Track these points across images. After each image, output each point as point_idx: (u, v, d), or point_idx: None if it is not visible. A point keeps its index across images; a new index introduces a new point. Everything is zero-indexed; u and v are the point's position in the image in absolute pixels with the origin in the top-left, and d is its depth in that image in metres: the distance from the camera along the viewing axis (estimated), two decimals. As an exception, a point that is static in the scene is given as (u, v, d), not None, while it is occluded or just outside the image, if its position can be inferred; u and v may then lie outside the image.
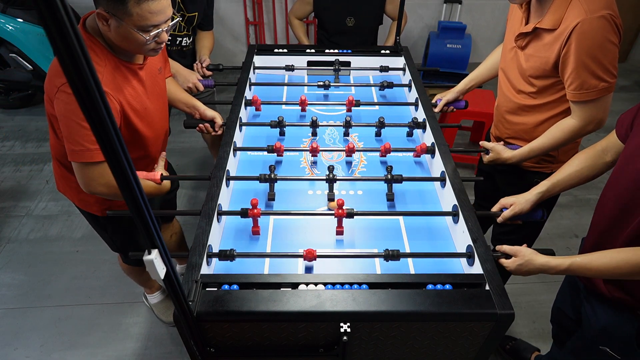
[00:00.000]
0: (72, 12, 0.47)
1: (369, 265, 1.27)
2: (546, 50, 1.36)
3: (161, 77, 1.53)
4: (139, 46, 1.23)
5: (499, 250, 1.23)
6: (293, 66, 2.10)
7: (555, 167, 1.62)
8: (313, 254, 1.19)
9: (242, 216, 1.30)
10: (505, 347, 2.00)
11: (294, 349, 1.12)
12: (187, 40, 2.12)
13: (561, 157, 1.61)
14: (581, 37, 1.24)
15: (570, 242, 2.58)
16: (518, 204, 1.34)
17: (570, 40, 1.27)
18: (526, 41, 1.43)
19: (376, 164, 1.66)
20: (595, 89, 1.31)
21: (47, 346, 2.04)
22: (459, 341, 1.12)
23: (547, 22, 1.33)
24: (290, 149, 1.64)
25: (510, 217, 1.36)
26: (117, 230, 1.67)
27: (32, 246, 2.53)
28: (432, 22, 4.23)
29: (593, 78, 1.29)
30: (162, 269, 0.74)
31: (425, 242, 1.35)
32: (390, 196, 1.46)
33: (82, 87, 0.51)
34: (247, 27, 4.16)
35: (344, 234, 1.36)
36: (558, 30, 1.30)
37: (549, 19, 1.32)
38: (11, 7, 3.23)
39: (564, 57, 1.31)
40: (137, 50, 1.26)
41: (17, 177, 3.04)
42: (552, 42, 1.33)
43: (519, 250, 1.19)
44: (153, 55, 1.34)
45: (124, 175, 0.61)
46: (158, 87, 1.49)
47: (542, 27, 1.34)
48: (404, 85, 2.05)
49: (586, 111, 1.36)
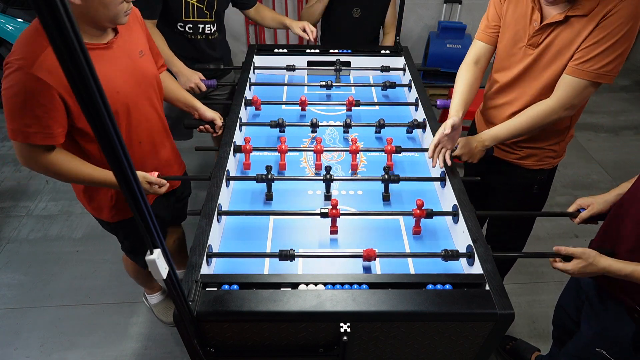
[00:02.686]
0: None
1: (369, 266, 1.27)
2: (568, 39, 1.30)
3: (145, 61, 1.44)
4: (117, 8, 1.20)
5: (557, 252, 1.18)
6: (293, 66, 2.10)
7: (556, 161, 1.62)
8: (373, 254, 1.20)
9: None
10: (506, 347, 2.00)
11: (294, 349, 1.12)
12: (211, 27, 2.06)
13: (561, 151, 1.60)
14: (620, 13, 1.20)
15: (571, 242, 2.58)
16: (596, 205, 1.33)
17: (607, 16, 1.22)
18: (544, 35, 1.35)
19: (376, 163, 1.66)
20: (598, 71, 1.28)
21: (47, 346, 2.04)
22: (459, 341, 1.12)
23: (583, 8, 1.25)
24: (293, 149, 1.63)
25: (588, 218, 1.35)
26: (128, 234, 1.68)
27: (32, 246, 2.53)
28: (432, 22, 4.23)
29: (604, 59, 1.26)
30: (164, 269, 0.74)
31: (425, 242, 1.36)
32: (386, 196, 1.46)
33: (82, 87, 0.51)
34: (247, 27, 4.16)
35: (344, 234, 1.36)
36: (591, 14, 1.24)
37: (584, 5, 1.25)
38: (11, 7, 3.23)
39: (592, 34, 1.25)
40: (111, 14, 1.21)
41: (17, 177, 3.04)
42: (580, 27, 1.27)
43: (583, 252, 1.14)
44: (124, 21, 1.26)
45: (124, 175, 0.61)
46: (139, 71, 1.40)
47: (577, 13, 1.27)
48: (404, 85, 2.05)
49: (570, 91, 1.32)
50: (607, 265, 1.13)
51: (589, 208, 1.35)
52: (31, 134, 1.19)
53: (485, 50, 1.57)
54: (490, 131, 1.49)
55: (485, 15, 1.55)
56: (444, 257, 1.21)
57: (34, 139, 1.19)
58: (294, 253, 1.19)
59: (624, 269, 1.11)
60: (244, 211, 1.40)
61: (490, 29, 1.53)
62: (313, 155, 1.67)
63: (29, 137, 1.19)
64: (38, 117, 1.17)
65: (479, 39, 1.58)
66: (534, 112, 1.40)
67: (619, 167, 3.19)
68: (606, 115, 3.77)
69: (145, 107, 1.45)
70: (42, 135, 1.20)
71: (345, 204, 1.46)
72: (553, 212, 1.41)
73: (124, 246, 1.77)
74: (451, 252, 1.21)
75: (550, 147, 1.57)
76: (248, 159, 1.58)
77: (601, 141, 3.47)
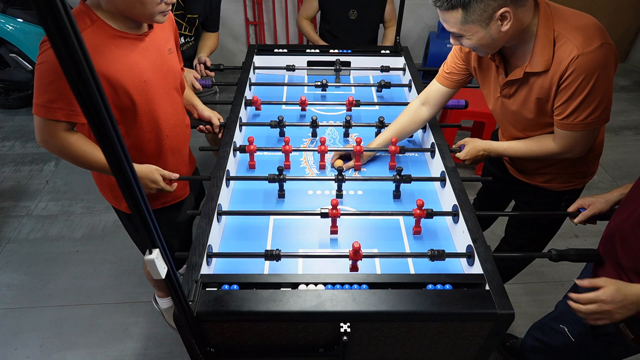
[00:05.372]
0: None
1: (369, 265, 1.27)
2: (541, 90, 1.28)
3: (172, 59, 1.48)
4: (154, 7, 1.23)
5: (580, 286, 1.12)
6: (293, 66, 2.10)
7: (587, 180, 1.57)
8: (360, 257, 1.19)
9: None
10: (506, 344, 2.01)
11: (294, 349, 1.12)
12: (188, 40, 2.13)
13: (592, 167, 1.55)
14: (578, 71, 1.17)
15: (571, 242, 2.58)
16: (597, 204, 1.33)
17: (566, 75, 1.19)
18: (514, 88, 1.35)
19: (376, 163, 1.66)
20: (584, 122, 1.25)
21: (47, 346, 2.04)
22: (459, 341, 1.12)
23: (537, 65, 1.23)
24: (297, 149, 1.63)
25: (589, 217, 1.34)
26: None
27: (32, 246, 2.53)
28: (432, 22, 4.23)
29: (584, 111, 1.23)
30: (163, 269, 0.74)
31: (425, 242, 1.35)
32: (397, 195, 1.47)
33: (83, 87, 0.51)
34: (247, 27, 4.16)
35: (344, 234, 1.36)
36: (551, 70, 1.22)
37: (538, 62, 1.23)
38: (11, 7, 3.23)
39: (560, 90, 1.23)
40: (148, 13, 1.24)
41: (17, 177, 3.04)
42: (547, 81, 1.25)
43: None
44: (162, 20, 1.29)
45: (124, 176, 0.61)
46: (167, 66, 1.44)
47: (533, 71, 1.25)
48: (404, 85, 2.05)
49: (569, 140, 1.31)
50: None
51: (589, 207, 1.34)
52: (55, 109, 1.20)
53: (440, 92, 1.59)
54: (500, 147, 1.49)
55: (445, 61, 1.57)
56: (430, 257, 1.20)
57: (58, 114, 1.21)
58: (280, 253, 1.19)
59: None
60: (244, 211, 1.40)
61: (447, 74, 1.55)
62: (314, 155, 1.68)
63: (54, 112, 1.20)
64: (64, 94, 1.19)
65: (436, 80, 1.60)
66: (539, 147, 1.39)
67: (619, 167, 3.19)
68: (606, 115, 3.77)
69: (171, 102, 1.48)
70: (66, 112, 1.21)
71: (350, 204, 1.47)
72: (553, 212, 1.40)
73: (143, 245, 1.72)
74: (437, 252, 1.20)
75: (578, 170, 1.52)
76: (253, 158, 1.60)
77: (601, 141, 3.47)
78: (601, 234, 1.28)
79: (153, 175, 1.39)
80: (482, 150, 1.50)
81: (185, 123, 1.59)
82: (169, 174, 1.43)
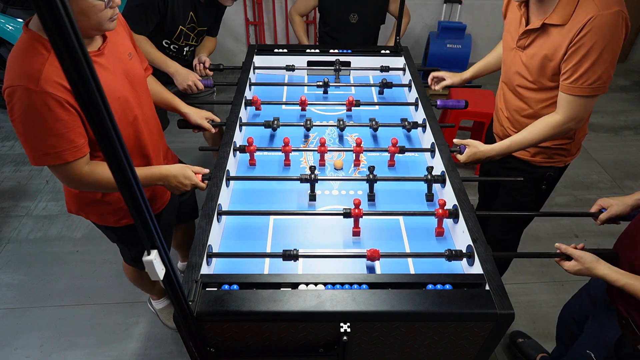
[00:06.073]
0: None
1: (369, 265, 1.27)
2: (552, 46, 1.35)
3: (135, 63, 1.40)
4: (99, 15, 1.13)
5: (558, 249, 1.24)
6: (293, 66, 2.10)
7: (568, 159, 1.63)
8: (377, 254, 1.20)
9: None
10: (517, 340, 2.01)
11: (294, 349, 1.12)
12: (193, 49, 2.18)
13: (574, 149, 1.62)
14: (594, 31, 1.24)
15: (571, 242, 2.58)
16: (615, 206, 1.35)
17: (581, 34, 1.26)
18: (530, 40, 1.42)
19: (376, 163, 1.66)
20: (592, 86, 1.31)
21: (47, 346, 2.04)
22: (459, 341, 1.12)
23: (557, 17, 1.32)
24: (297, 149, 1.64)
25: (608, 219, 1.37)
26: (134, 241, 1.63)
27: (32, 246, 2.53)
28: (432, 22, 4.23)
29: (593, 74, 1.29)
30: (161, 270, 0.74)
31: (425, 242, 1.35)
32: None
33: (83, 87, 0.51)
34: (247, 27, 4.16)
35: (344, 234, 1.36)
36: (568, 25, 1.30)
37: (558, 14, 1.31)
38: (11, 7, 3.23)
39: (571, 50, 1.30)
40: (94, 23, 1.15)
41: (17, 177, 3.04)
42: (560, 38, 1.32)
43: (581, 256, 1.18)
44: (112, 27, 1.20)
45: (124, 175, 0.61)
46: (132, 74, 1.37)
47: (552, 22, 1.33)
48: (404, 85, 2.05)
49: (573, 107, 1.36)
50: (604, 274, 1.14)
51: (608, 209, 1.36)
52: (61, 152, 1.15)
53: None
54: (500, 147, 1.50)
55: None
56: (448, 257, 1.21)
57: (66, 156, 1.16)
58: (298, 253, 1.19)
59: (619, 280, 1.12)
60: (244, 211, 1.40)
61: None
62: (314, 155, 1.68)
63: (61, 156, 1.15)
64: (60, 134, 1.14)
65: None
66: (543, 126, 1.42)
67: (619, 167, 3.19)
68: (606, 115, 3.77)
69: (144, 107, 1.44)
70: (71, 151, 1.17)
71: (346, 204, 1.46)
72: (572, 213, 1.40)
73: (130, 253, 1.71)
74: (455, 252, 1.20)
75: (561, 146, 1.58)
76: (253, 158, 1.61)
77: (601, 141, 3.47)
78: (601, 234, 1.29)
79: (185, 171, 1.37)
80: (483, 158, 1.52)
81: (157, 121, 1.56)
82: (199, 169, 1.42)
